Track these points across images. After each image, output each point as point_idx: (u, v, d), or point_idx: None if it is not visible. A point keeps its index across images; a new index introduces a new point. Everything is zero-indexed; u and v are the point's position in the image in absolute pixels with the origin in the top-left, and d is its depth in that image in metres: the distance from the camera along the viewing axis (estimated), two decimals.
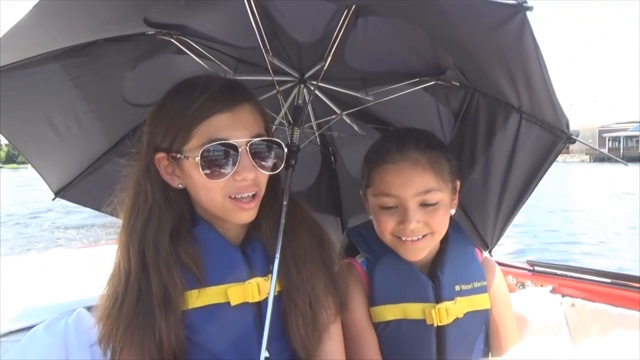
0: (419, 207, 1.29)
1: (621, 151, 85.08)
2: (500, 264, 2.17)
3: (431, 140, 1.36)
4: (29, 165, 1.80)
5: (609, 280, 1.81)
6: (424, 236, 1.31)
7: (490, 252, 1.84)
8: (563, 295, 1.90)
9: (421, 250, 1.33)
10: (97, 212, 1.95)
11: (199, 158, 1.07)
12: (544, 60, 1.06)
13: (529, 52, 1.03)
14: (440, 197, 1.30)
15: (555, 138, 1.40)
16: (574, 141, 1.37)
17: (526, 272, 2.08)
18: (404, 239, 1.31)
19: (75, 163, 1.83)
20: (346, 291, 1.30)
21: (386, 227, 1.33)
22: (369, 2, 1.11)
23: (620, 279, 1.79)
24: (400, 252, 1.34)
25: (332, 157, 2.07)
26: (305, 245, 1.25)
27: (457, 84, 1.49)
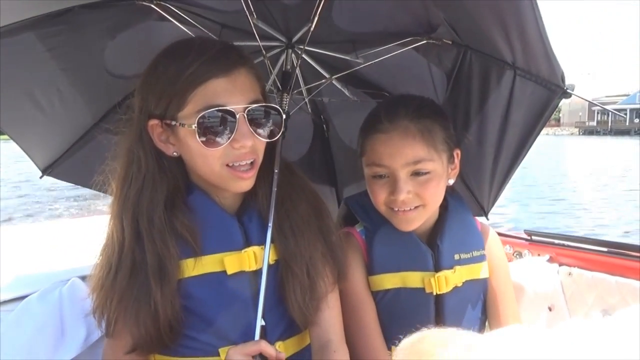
0: (410, 178, 1.25)
1: (609, 124, 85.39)
2: (498, 233, 2.14)
3: (424, 107, 1.30)
4: None
5: (606, 249, 1.80)
6: (416, 207, 1.27)
7: (486, 215, 1.79)
8: (560, 265, 1.88)
9: (413, 220, 1.29)
10: None
11: (195, 125, 1.01)
12: (539, 8, 0.99)
13: (525, 5, 0.96)
14: (432, 167, 1.25)
15: (551, 93, 1.34)
16: (569, 95, 1.31)
17: (523, 241, 2.06)
18: (395, 209, 1.27)
19: (60, 139, 1.76)
20: (344, 260, 1.26)
21: (379, 197, 1.29)
22: None
23: (617, 248, 1.78)
24: (394, 222, 1.31)
25: (324, 126, 2.00)
26: (302, 214, 1.21)
27: (449, 42, 1.42)
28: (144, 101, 1.09)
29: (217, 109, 1.01)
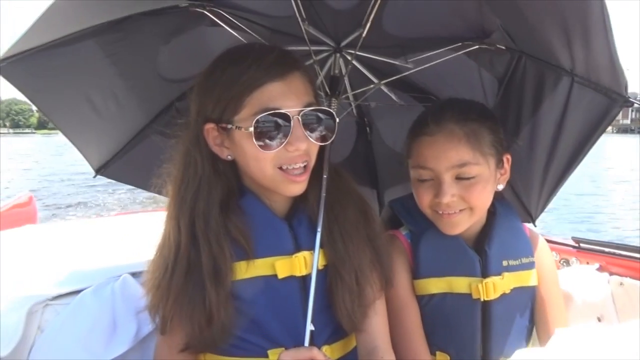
0: (455, 181, 1.22)
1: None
2: (545, 240, 2.08)
3: (471, 110, 1.27)
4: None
5: None
6: (461, 210, 1.24)
7: (534, 222, 1.74)
8: (611, 274, 1.81)
9: (457, 224, 1.26)
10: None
11: (252, 128, 1.01)
12: (609, 15, 0.94)
13: (592, 7, 0.91)
14: (478, 171, 1.22)
15: (611, 101, 1.28)
16: (632, 104, 1.24)
17: (571, 248, 2.00)
18: (440, 212, 1.25)
19: (114, 140, 1.80)
20: (391, 266, 1.24)
21: (424, 200, 1.27)
22: None
23: None
24: (439, 225, 1.28)
25: (367, 128, 1.98)
26: (351, 219, 1.20)
27: (503, 47, 1.38)
28: (201, 105, 1.10)
29: (273, 112, 1.01)
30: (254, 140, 1.02)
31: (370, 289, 1.18)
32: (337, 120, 1.19)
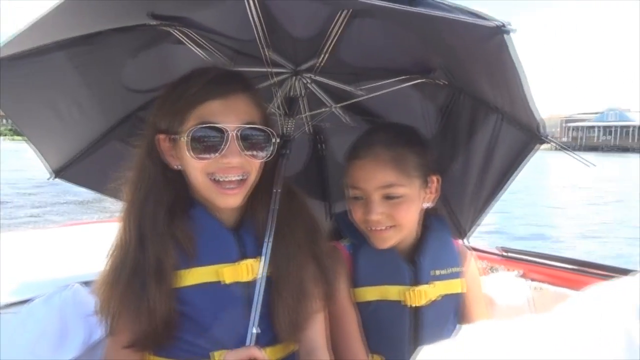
0: (383, 200, 1.34)
1: (578, 140, 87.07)
2: (475, 249, 2.25)
3: (399, 136, 1.39)
4: None
5: (571, 267, 1.91)
6: (389, 227, 1.36)
7: (467, 239, 1.89)
8: (531, 280, 1.98)
9: (386, 239, 1.38)
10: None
11: (188, 138, 1.11)
12: (524, 72, 1.10)
13: (508, 66, 1.06)
14: (404, 192, 1.34)
15: (529, 139, 1.45)
16: (543, 142, 1.42)
17: (498, 257, 2.16)
18: (371, 228, 1.37)
19: (74, 145, 1.81)
20: (334, 283, 1.33)
21: (356, 216, 1.39)
22: (363, 8, 1.12)
23: (581, 266, 1.90)
24: (371, 239, 1.40)
25: (321, 145, 2.08)
26: (298, 241, 1.28)
27: (444, 83, 1.52)
28: (155, 117, 1.21)
29: (208, 125, 1.12)
30: (188, 149, 1.12)
31: (311, 303, 1.25)
32: (282, 140, 1.28)
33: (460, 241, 1.59)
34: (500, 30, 0.91)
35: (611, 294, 0.74)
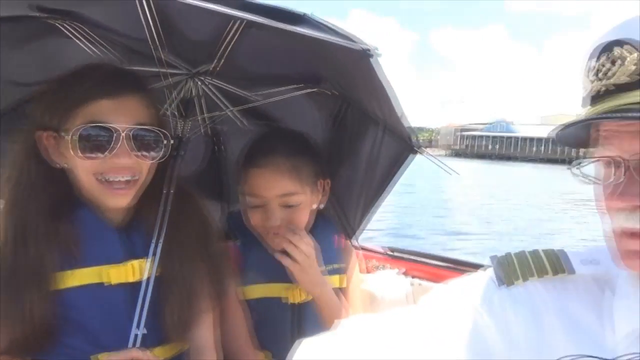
0: (282, 207, 1.39)
1: (470, 148, 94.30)
2: (364, 249, 2.37)
3: (297, 145, 1.46)
4: None
5: (445, 264, 2.10)
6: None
7: (355, 239, 2.00)
8: (413, 277, 2.14)
9: (282, 242, 1.41)
10: None
11: (75, 137, 1.07)
12: (392, 90, 1.22)
13: (379, 85, 1.16)
14: (302, 199, 1.41)
15: (404, 148, 1.60)
16: (416, 152, 1.57)
17: (385, 256, 2.30)
18: (269, 232, 1.42)
19: None
20: (226, 283, 1.36)
21: (254, 222, 1.43)
22: (254, 22, 1.15)
23: (453, 263, 2.09)
24: (267, 242, 1.45)
25: (220, 147, 2.09)
26: (190, 237, 1.28)
27: (336, 93, 1.61)
28: (37, 113, 1.15)
29: (96, 124, 1.08)
30: (75, 148, 1.08)
31: (201, 302, 1.26)
32: (174, 141, 1.29)
33: (344, 239, 1.67)
34: (365, 54, 0.99)
35: (463, 286, 0.82)
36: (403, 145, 1.58)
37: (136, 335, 1.14)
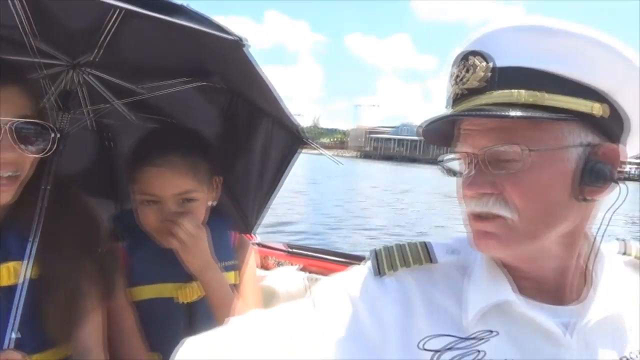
0: (178, 205, 1.36)
1: (379, 150, 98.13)
2: (263, 246, 2.39)
3: (192, 142, 1.44)
4: None
5: (340, 259, 2.19)
6: None
7: (252, 232, 2.00)
8: (309, 272, 2.20)
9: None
10: None
11: None
12: (270, 82, 1.23)
13: (258, 76, 1.18)
14: (199, 196, 1.39)
15: (294, 140, 1.63)
16: (305, 144, 1.61)
17: (284, 253, 2.35)
18: (164, 231, 1.37)
19: None
20: (112, 280, 1.31)
21: (149, 221, 1.37)
22: (132, 12, 1.11)
23: (349, 259, 2.19)
24: (161, 240, 1.40)
25: (109, 143, 1.99)
26: (71, 235, 1.22)
27: (224, 87, 1.59)
28: None
29: None
30: None
31: (87, 301, 1.21)
32: (59, 134, 1.22)
33: (240, 235, 1.67)
34: (239, 44, 1.01)
35: (344, 278, 0.88)
36: (293, 137, 1.61)
37: (12, 339, 1.08)
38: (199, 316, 1.43)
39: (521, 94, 0.70)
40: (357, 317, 0.81)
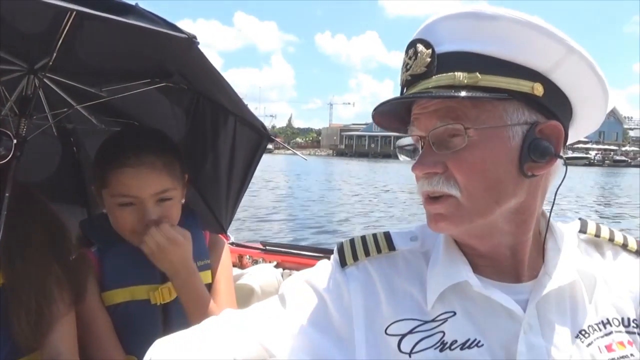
0: (157, 204, 1.33)
1: (352, 147, 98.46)
2: (239, 245, 2.36)
3: (165, 142, 1.41)
4: None
5: (316, 254, 2.17)
6: None
7: (225, 232, 1.96)
8: (284, 269, 2.18)
9: None
10: None
11: None
12: (225, 79, 1.22)
13: (216, 74, 1.15)
14: (175, 194, 1.37)
15: (260, 137, 1.61)
16: (272, 140, 1.59)
17: (259, 251, 2.33)
18: (142, 232, 1.32)
19: None
20: (82, 284, 1.27)
21: (126, 223, 1.33)
22: (85, 14, 1.07)
23: (322, 253, 2.18)
24: (138, 243, 1.35)
25: (75, 148, 1.93)
26: (36, 241, 1.18)
27: (185, 87, 1.55)
28: None
29: None
30: None
31: (56, 306, 1.18)
32: (16, 140, 1.17)
33: (211, 234, 1.64)
34: (192, 42, 0.99)
35: (312, 272, 0.89)
36: (258, 133, 1.59)
37: None
38: (176, 317, 1.40)
39: (461, 76, 0.72)
40: (325, 310, 0.81)
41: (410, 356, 0.75)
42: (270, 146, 1.72)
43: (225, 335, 0.82)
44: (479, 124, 0.72)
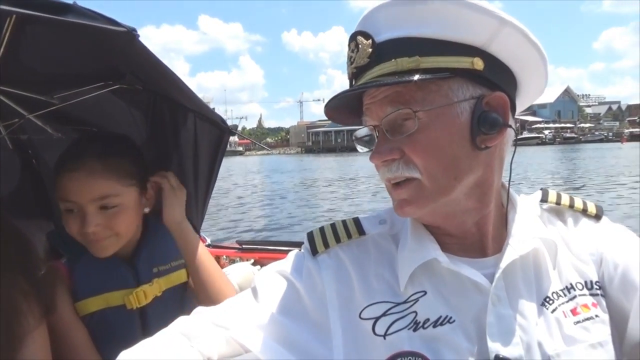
0: (99, 211, 1.23)
1: (320, 144, 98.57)
2: (215, 246, 2.28)
3: (112, 145, 1.30)
4: None
5: (292, 248, 2.09)
6: (108, 237, 1.26)
7: (199, 232, 1.87)
8: (262, 265, 2.11)
9: (107, 248, 1.27)
10: None
11: None
12: (177, 75, 1.18)
13: (164, 68, 1.07)
14: (120, 201, 1.26)
15: (221, 131, 1.53)
16: (234, 133, 1.51)
17: (236, 250, 2.25)
18: (89, 239, 1.25)
19: None
20: (51, 295, 1.19)
21: (72, 229, 1.25)
22: (25, 17, 0.97)
23: (298, 246, 2.09)
24: (91, 250, 1.28)
25: (33, 160, 1.79)
26: (1, 255, 1.10)
27: (140, 88, 1.44)
28: None
29: None
30: None
31: (25, 321, 1.10)
32: None
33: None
34: (132, 35, 0.92)
35: (284, 262, 0.88)
36: (219, 128, 1.52)
37: None
38: (154, 320, 1.32)
39: (402, 62, 0.71)
40: (298, 299, 0.80)
41: (385, 338, 0.73)
42: (240, 148, 1.64)
43: (197, 336, 0.79)
44: (426, 106, 0.72)
